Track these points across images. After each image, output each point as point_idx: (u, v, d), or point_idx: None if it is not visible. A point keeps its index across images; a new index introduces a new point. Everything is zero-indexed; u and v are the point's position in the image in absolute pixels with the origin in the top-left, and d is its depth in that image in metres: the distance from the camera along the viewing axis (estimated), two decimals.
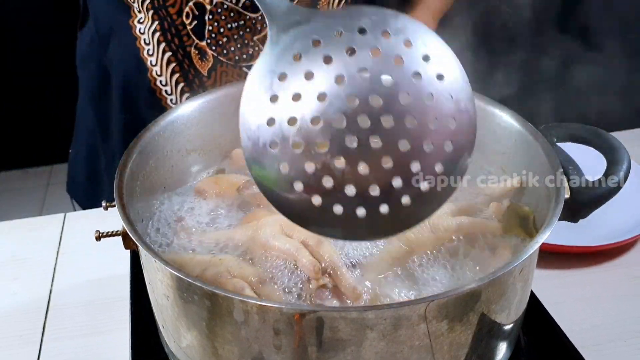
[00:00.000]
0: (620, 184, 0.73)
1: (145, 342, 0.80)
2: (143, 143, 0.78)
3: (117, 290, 0.92)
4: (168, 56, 1.11)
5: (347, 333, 0.57)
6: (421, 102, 0.56)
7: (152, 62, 1.12)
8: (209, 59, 1.10)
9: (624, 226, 0.98)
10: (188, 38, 1.09)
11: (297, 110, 0.55)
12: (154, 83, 1.13)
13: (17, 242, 1.06)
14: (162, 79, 1.13)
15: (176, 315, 0.65)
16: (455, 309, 0.60)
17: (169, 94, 1.14)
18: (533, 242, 0.63)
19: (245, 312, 0.58)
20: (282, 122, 0.55)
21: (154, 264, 0.64)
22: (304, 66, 0.56)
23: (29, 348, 0.86)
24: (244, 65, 1.11)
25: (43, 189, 2.83)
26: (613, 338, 0.84)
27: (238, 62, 1.11)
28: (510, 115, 0.82)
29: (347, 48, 0.56)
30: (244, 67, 1.12)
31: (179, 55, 1.11)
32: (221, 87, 0.92)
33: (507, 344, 0.72)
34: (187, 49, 1.10)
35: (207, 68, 1.11)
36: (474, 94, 0.59)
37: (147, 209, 0.80)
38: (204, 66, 1.11)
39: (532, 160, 0.77)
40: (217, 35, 1.08)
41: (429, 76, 0.57)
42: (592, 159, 0.78)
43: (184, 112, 0.86)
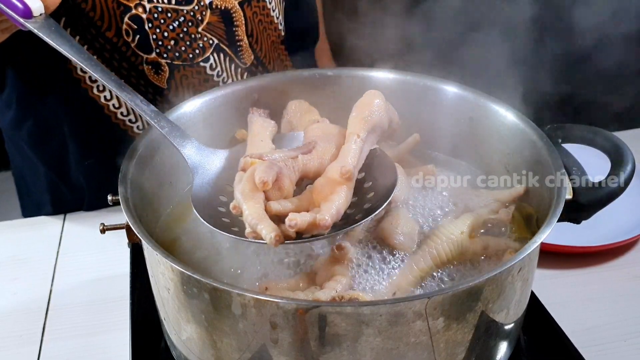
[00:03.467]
0: (623, 185, 0.76)
1: (146, 342, 0.85)
2: (148, 139, 0.83)
3: (117, 290, 0.95)
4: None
5: (343, 328, 0.61)
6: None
7: (107, 97, 1.11)
8: (164, 69, 1.10)
9: (625, 226, 1.01)
10: (136, 57, 1.08)
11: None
12: (114, 118, 1.12)
13: (17, 242, 1.10)
14: (122, 110, 1.12)
15: (177, 307, 0.70)
16: (452, 306, 0.63)
17: (133, 122, 1.13)
18: (532, 242, 0.66)
19: (243, 306, 0.62)
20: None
21: (155, 257, 0.68)
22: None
23: (29, 348, 0.90)
24: (200, 61, 1.12)
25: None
26: (613, 338, 0.87)
27: (193, 60, 1.11)
28: (514, 115, 0.86)
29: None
30: (200, 62, 1.12)
31: (132, 79, 1.10)
32: (226, 85, 0.96)
33: (507, 344, 0.75)
34: (139, 67, 1.09)
35: (164, 80, 1.11)
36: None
37: (153, 204, 0.84)
38: (160, 79, 1.11)
39: (536, 161, 0.81)
40: (164, 41, 1.08)
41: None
42: (598, 160, 0.81)
43: (189, 109, 0.90)
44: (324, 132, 0.79)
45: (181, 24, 1.08)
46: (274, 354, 0.64)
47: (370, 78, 0.96)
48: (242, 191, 0.68)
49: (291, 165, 0.72)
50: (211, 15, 1.11)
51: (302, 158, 0.73)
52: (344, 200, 0.70)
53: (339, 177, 0.70)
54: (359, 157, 0.74)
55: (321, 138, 0.77)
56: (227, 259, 0.78)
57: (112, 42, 1.07)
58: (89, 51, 1.05)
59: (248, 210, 0.66)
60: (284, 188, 0.70)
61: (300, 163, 0.73)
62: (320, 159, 0.75)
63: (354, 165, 0.72)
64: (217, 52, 1.13)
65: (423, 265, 0.74)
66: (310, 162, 0.74)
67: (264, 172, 0.67)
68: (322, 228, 0.66)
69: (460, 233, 0.76)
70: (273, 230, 0.64)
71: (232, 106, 0.93)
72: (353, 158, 0.73)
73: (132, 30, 1.06)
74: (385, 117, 0.80)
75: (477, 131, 0.91)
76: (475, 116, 0.90)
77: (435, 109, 0.93)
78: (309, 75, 0.98)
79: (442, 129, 0.94)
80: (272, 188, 0.68)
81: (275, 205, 0.68)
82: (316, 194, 0.71)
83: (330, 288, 0.69)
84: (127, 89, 0.79)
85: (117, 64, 1.08)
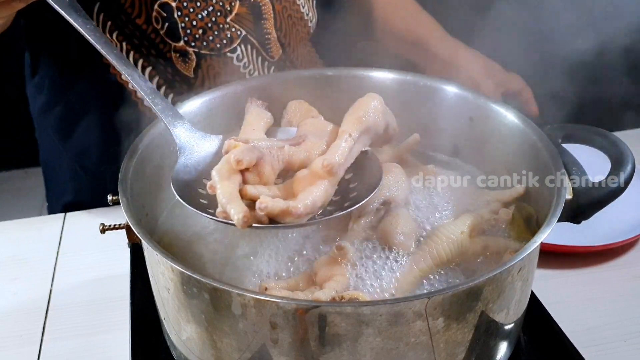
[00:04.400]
0: (623, 185, 0.76)
1: (146, 342, 0.85)
2: (148, 139, 0.83)
3: (117, 290, 0.96)
4: (149, 71, 1.12)
5: (343, 328, 0.61)
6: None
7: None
8: (191, 57, 1.11)
9: (625, 226, 1.01)
10: (164, 44, 1.10)
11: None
12: (141, 104, 1.13)
13: (17, 242, 1.10)
14: None
15: (177, 307, 0.70)
16: (452, 306, 0.64)
17: None
18: (532, 242, 0.67)
19: (243, 306, 0.62)
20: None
21: (155, 257, 0.68)
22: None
23: (29, 348, 0.90)
24: (227, 51, 1.13)
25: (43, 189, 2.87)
26: (613, 338, 0.87)
27: (221, 50, 1.12)
28: (514, 116, 0.86)
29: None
30: (227, 53, 1.13)
31: (161, 66, 1.11)
32: (227, 85, 0.96)
33: (507, 344, 0.75)
34: (167, 55, 1.11)
35: (191, 68, 1.12)
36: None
37: (153, 204, 0.84)
38: (188, 68, 1.12)
39: (536, 161, 0.81)
40: (192, 30, 1.09)
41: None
42: (598, 160, 0.81)
43: (190, 108, 0.90)
44: (317, 127, 0.79)
45: (210, 14, 1.10)
46: (274, 354, 0.64)
47: (370, 78, 0.97)
48: (218, 170, 0.68)
49: (276, 154, 0.72)
50: (240, 6, 1.12)
51: (288, 149, 0.73)
52: (322, 194, 0.70)
53: (321, 170, 0.70)
54: (347, 155, 0.74)
55: (312, 133, 0.78)
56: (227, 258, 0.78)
57: (142, 29, 1.09)
58: (119, 37, 1.09)
59: (221, 190, 0.66)
60: (264, 174, 0.69)
61: (285, 153, 0.73)
62: (307, 152, 0.75)
63: (340, 162, 0.72)
64: (244, 43, 1.14)
65: (423, 265, 0.74)
66: (297, 154, 0.74)
67: (241, 153, 0.67)
68: (293, 216, 0.66)
69: (460, 233, 0.76)
70: (242, 212, 0.64)
71: (232, 106, 0.93)
72: (340, 155, 0.73)
73: (162, 18, 1.08)
74: (381, 120, 0.80)
75: (477, 131, 0.91)
76: (475, 116, 0.91)
77: (435, 109, 0.94)
78: (309, 75, 0.99)
79: (442, 129, 0.94)
80: (251, 172, 0.68)
81: (251, 189, 0.67)
82: (296, 184, 0.71)
83: (330, 288, 0.69)
84: (129, 65, 0.79)
85: (146, 50, 1.10)
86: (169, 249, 0.80)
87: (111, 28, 1.08)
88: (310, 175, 0.71)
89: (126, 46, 1.10)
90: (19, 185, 2.91)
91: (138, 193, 0.78)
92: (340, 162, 0.72)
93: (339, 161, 0.72)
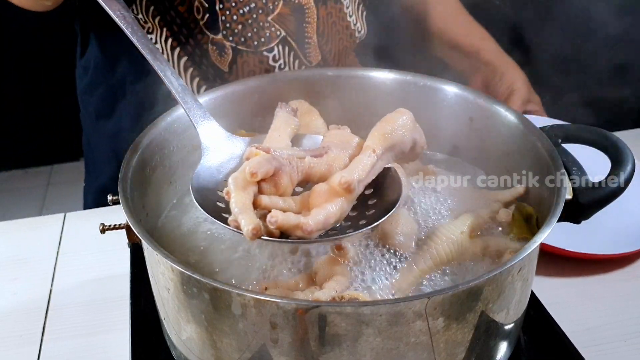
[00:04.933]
0: (623, 185, 0.76)
1: (146, 342, 0.85)
2: (149, 138, 0.83)
3: (117, 290, 0.96)
4: (184, 61, 1.13)
5: (343, 328, 0.61)
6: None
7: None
8: (227, 52, 1.11)
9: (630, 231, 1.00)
10: (202, 35, 1.10)
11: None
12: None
13: (17, 242, 1.10)
14: None
15: (177, 308, 0.70)
16: (452, 306, 0.64)
17: None
18: (532, 242, 0.67)
19: (243, 306, 0.62)
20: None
21: (155, 257, 0.69)
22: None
23: (29, 348, 0.90)
24: (264, 50, 1.12)
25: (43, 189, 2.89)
26: (613, 338, 0.87)
27: (258, 48, 1.12)
28: (515, 116, 0.86)
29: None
30: (264, 51, 1.12)
31: (197, 57, 1.12)
32: (227, 85, 0.96)
33: (507, 344, 0.75)
34: (204, 46, 1.11)
35: (227, 63, 1.12)
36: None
37: (153, 204, 0.84)
38: (223, 61, 1.12)
39: (536, 161, 0.81)
40: (232, 24, 1.09)
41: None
42: (598, 160, 0.81)
43: None
44: (341, 139, 0.77)
45: (252, 10, 1.10)
46: (274, 354, 0.64)
47: (371, 78, 0.97)
48: (235, 178, 0.67)
49: (295, 165, 0.71)
50: (283, 6, 1.11)
51: (309, 160, 0.72)
52: (337, 211, 0.68)
53: (338, 187, 0.69)
54: (369, 172, 0.72)
55: (336, 145, 0.76)
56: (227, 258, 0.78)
57: (183, 16, 1.09)
58: (160, 22, 1.10)
59: (234, 199, 0.65)
60: (280, 185, 0.69)
61: (306, 164, 0.72)
62: (328, 165, 0.73)
63: (360, 179, 0.71)
64: (282, 44, 1.13)
65: (423, 265, 0.75)
66: (317, 166, 0.72)
67: (257, 165, 0.67)
68: (304, 232, 0.65)
69: (460, 233, 0.76)
70: (251, 223, 0.63)
71: (232, 106, 0.94)
72: (361, 171, 0.71)
73: (203, 9, 1.08)
74: (408, 137, 0.77)
75: (477, 131, 0.91)
76: (475, 116, 0.91)
77: (435, 109, 0.94)
78: (309, 75, 0.99)
79: (442, 129, 0.94)
80: (268, 183, 0.68)
81: (265, 199, 0.67)
82: (313, 197, 0.70)
83: (330, 288, 0.69)
84: (162, 59, 0.79)
85: (184, 39, 1.11)
86: (169, 249, 0.80)
87: (154, 13, 1.09)
88: (328, 190, 0.70)
89: (166, 32, 1.11)
90: (19, 185, 2.92)
91: (138, 193, 0.78)
92: (360, 179, 0.71)
93: (358, 178, 0.70)
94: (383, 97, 0.97)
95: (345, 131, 0.80)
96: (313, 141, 0.82)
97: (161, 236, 0.83)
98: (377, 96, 0.97)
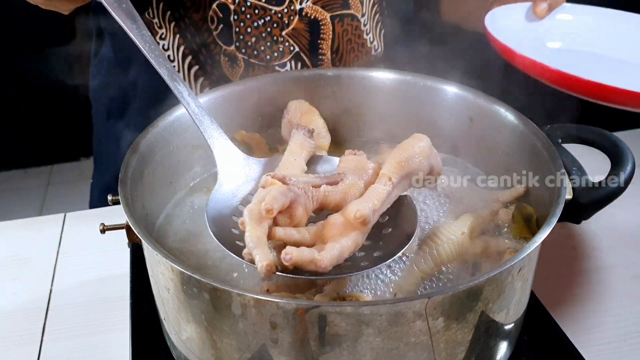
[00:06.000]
0: (623, 185, 0.76)
1: (146, 342, 0.85)
2: (149, 138, 0.83)
3: (117, 290, 0.96)
4: (195, 70, 1.12)
5: (343, 328, 0.61)
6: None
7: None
8: (239, 64, 1.10)
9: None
10: (215, 45, 1.10)
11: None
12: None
13: (17, 242, 1.10)
14: None
15: (177, 308, 0.70)
16: (452, 306, 0.64)
17: None
18: (532, 242, 0.67)
19: (243, 306, 0.62)
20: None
21: (155, 257, 0.69)
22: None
23: (29, 348, 0.90)
24: (276, 65, 1.11)
25: (43, 189, 2.89)
26: (613, 338, 0.87)
27: (270, 62, 1.11)
28: (514, 116, 0.87)
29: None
30: (276, 66, 1.11)
31: (208, 66, 1.11)
32: (227, 85, 0.96)
33: (507, 344, 0.75)
34: (216, 57, 1.10)
35: (238, 75, 1.11)
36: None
37: (153, 204, 0.84)
38: (234, 73, 1.11)
39: (536, 161, 0.81)
40: (245, 37, 1.08)
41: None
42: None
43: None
44: (357, 165, 0.77)
45: (266, 23, 1.09)
46: (274, 354, 0.64)
47: (370, 78, 0.97)
48: (250, 210, 0.67)
49: (311, 194, 0.70)
50: (299, 21, 1.10)
51: (324, 188, 0.72)
52: (351, 245, 0.68)
53: (353, 220, 0.69)
54: (385, 201, 0.72)
55: (352, 171, 0.75)
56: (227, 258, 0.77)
57: (197, 25, 1.08)
58: (175, 28, 1.09)
59: (249, 233, 0.65)
60: (296, 216, 0.68)
61: (321, 193, 0.71)
62: (344, 193, 0.72)
63: (375, 209, 0.70)
64: (295, 59, 1.12)
65: (423, 266, 0.75)
66: (332, 195, 0.72)
67: (273, 200, 0.66)
68: (318, 269, 0.65)
69: (460, 234, 0.77)
70: (265, 260, 0.63)
71: (232, 106, 0.94)
72: (376, 201, 0.71)
73: (217, 19, 1.07)
74: (425, 165, 0.78)
75: (477, 131, 0.91)
76: (475, 116, 0.91)
77: (435, 109, 0.94)
78: (309, 75, 0.99)
79: (442, 129, 0.94)
80: (283, 214, 0.68)
81: (280, 231, 0.67)
82: (327, 229, 0.69)
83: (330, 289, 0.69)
84: (179, 81, 0.79)
85: (197, 48, 1.10)
86: (169, 249, 0.80)
87: (170, 18, 1.09)
88: (343, 222, 0.69)
89: (179, 40, 1.10)
90: (19, 185, 2.92)
91: (138, 193, 0.78)
92: (375, 208, 0.70)
93: (373, 208, 0.70)
94: (383, 97, 0.97)
95: (361, 157, 0.79)
96: (330, 163, 0.82)
97: (161, 236, 0.83)
98: (377, 96, 0.97)
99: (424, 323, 0.63)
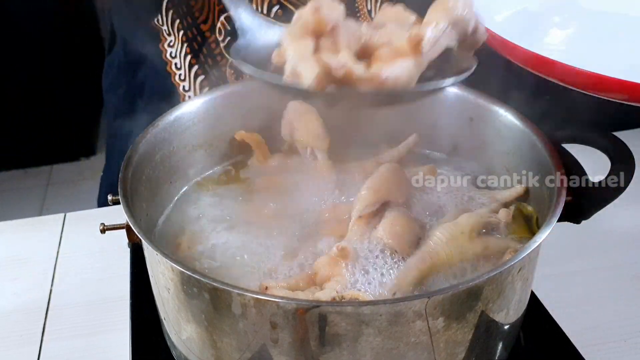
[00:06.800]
0: (623, 185, 0.76)
1: (146, 342, 0.85)
2: (150, 138, 0.84)
3: (117, 290, 0.96)
4: (201, 80, 1.12)
5: (343, 328, 0.61)
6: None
7: (185, 87, 1.13)
8: (244, 76, 1.08)
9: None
10: (222, 57, 1.10)
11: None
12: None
13: (17, 242, 1.11)
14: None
15: (177, 307, 0.70)
16: (452, 306, 0.64)
17: None
18: (532, 242, 0.67)
19: (243, 306, 0.62)
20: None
21: (155, 257, 0.68)
22: None
23: (29, 348, 0.90)
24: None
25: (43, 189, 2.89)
26: (613, 338, 0.87)
27: None
28: (514, 116, 0.86)
29: None
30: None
31: (213, 77, 1.11)
32: (227, 85, 0.96)
33: (507, 344, 0.76)
34: (222, 68, 1.10)
35: None
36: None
37: (153, 204, 0.84)
38: None
39: (536, 161, 0.81)
40: None
41: None
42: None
43: (190, 108, 0.90)
44: (398, 16, 0.69)
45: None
46: (274, 354, 0.64)
47: None
48: (290, 31, 0.60)
49: (353, 29, 0.63)
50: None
51: (366, 29, 0.64)
52: (405, 71, 0.60)
53: (407, 45, 0.61)
54: (434, 44, 0.64)
55: (393, 21, 0.68)
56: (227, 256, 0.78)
57: (205, 36, 1.08)
58: (183, 37, 1.09)
59: (293, 49, 0.58)
60: (339, 44, 0.61)
61: (363, 33, 0.64)
62: (387, 37, 0.65)
63: (430, 38, 0.62)
64: None
65: (423, 265, 0.74)
66: (376, 37, 0.64)
67: (324, 3, 0.59)
68: (374, 82, 0.58)
69: (460, 233, 0.76)
70: (315, 69, 0.56)
71: (232, 106, 0.94)
72: (430, 35, 0.63)
73: (225, 31, 1.07)
74: (471, 15, 0.69)
75: (477, 131, 0.91)
76: (475, 116, 0.91)
77: (435, 109, 0.94)
78: None
79: (442, 129, 0.94)
80: (326, 38, 0.61)
81: (327, 55, 0.59)
82: (376, 57, 0.62)
83: (330, 288, 0.69)
84: None
85: (203, 58, 1.10)
86: (169, 249, 0.80)
87: (178, 26, 1.09)
88: (393, 52, 0.62)
89: (186, 48, 1.10)
90: (19, 185, 2.92)
91: (138, 193, 0.78)
92: (430, 38, 0.62)
93: (430, 37, 0.62)
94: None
95: (399, 8, 0.72)
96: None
97: (161, 236, 0.83)
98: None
99: (424, 323, 0.62)
